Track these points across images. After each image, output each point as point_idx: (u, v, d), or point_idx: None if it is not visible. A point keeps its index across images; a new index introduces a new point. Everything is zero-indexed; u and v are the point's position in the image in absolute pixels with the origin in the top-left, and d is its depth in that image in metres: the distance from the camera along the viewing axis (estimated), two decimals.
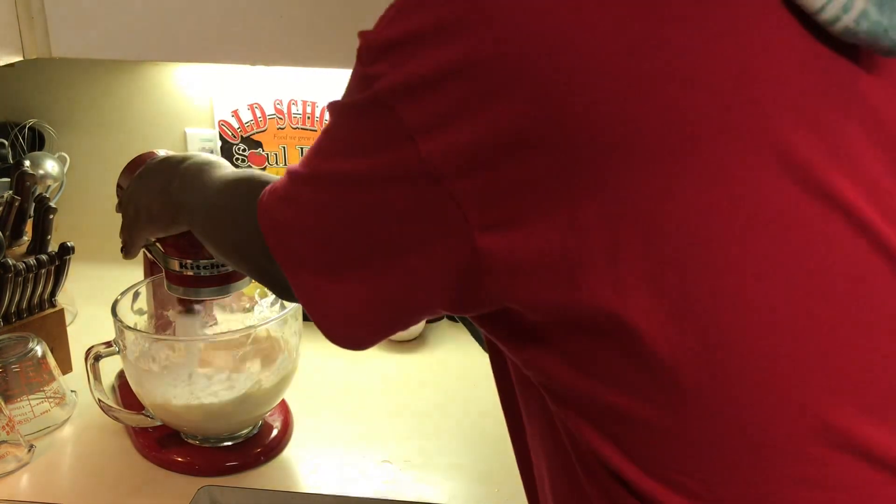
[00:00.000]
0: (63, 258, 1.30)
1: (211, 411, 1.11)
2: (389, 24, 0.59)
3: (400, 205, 0.59)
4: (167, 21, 1.26)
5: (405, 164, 0.56)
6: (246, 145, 1.65)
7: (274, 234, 0.69)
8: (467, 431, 1.23)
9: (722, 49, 0.53)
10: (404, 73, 0.55)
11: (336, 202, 0.63)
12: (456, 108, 0.54)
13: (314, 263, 0.66)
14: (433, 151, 0.55)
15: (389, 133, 0.57)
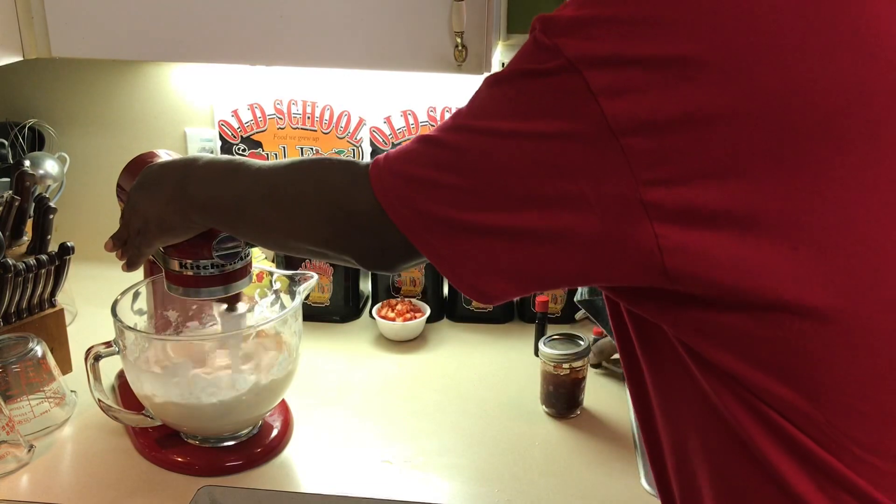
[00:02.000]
0: (63, 258, 1.30)
1: (211, 411, 1.11)
2: (580, 8, 0.63)
3: (572, 160, 0.61)
4: (167, 21, 1.26)
5: (587, 121, 0.60)
6: (246, 145, 1.65)
7: (400, 200, 0.69)
8: (467, 431, 1.23)
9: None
10: (595, 46, 0.60)
11: (498, 153, 0.64)
12: (645, 81, 0.58)
13: (452, 221, 0.67)
14: (617, 111, 0.59)
15: (576, 94, 0.60)
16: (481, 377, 1.38)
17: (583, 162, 0.61)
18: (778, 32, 0.57)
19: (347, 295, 1.55)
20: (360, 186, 0.73)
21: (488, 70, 1.25)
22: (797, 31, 0.57)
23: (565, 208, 0.62)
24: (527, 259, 0.65)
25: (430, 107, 1.58)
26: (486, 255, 0.66)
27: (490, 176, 0.65)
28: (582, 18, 0.62)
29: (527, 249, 0.65)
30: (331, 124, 1.61)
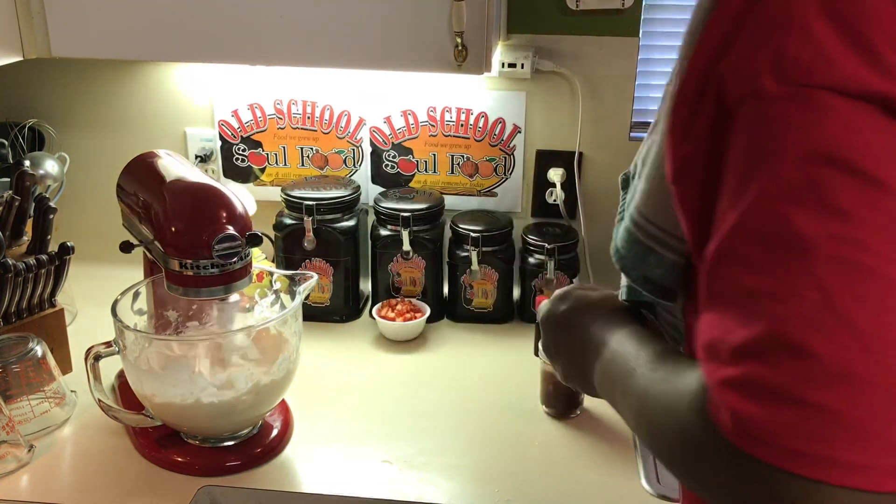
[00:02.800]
0: (63, 258, 1.30)
1: (211, 411, 1.11)
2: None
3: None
4: (167, 21, 1.26)
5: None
6: (246, 145, 1.65)
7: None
8: (467, 431, 1.23)
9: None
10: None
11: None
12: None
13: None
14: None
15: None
16: (481, 377, 1.38)
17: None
18: None
19: (347, 295, 1.55)
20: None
21: (488, 70, 1.25)
22: None
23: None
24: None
25: (430, 107, 1.58)
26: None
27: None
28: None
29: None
30: (331, 124, 1.61)
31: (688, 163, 0.61)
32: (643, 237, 0.72)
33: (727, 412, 0.51)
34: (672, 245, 0.70)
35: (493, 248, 1.51)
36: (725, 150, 0.57)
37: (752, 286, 0.52)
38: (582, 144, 1.57)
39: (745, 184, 0.55)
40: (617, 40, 1.50)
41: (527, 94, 1.55)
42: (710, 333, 0.55)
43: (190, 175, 1.13)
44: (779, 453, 0.49)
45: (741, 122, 0.56)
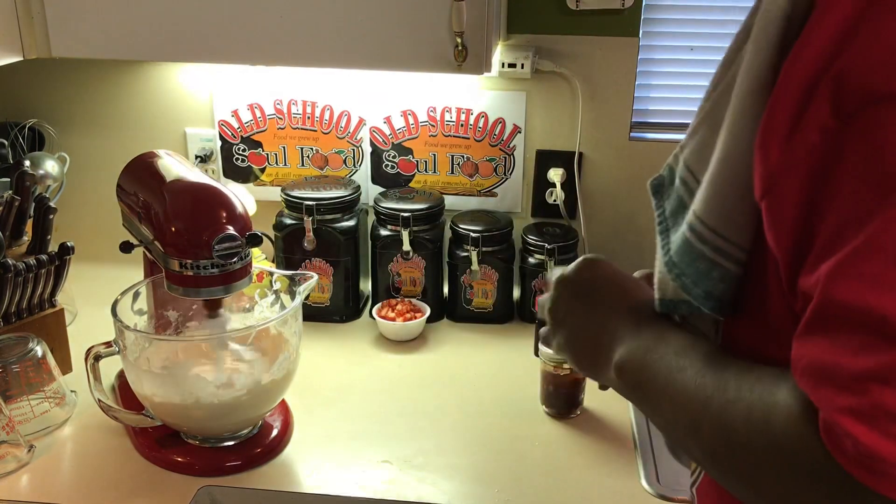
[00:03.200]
0: (63, 258, 1.30)
1: (211, 411, 1.11)
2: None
3: None
4: (167, 21, 1.26)
5: None
6: (246, 145, 1.65)
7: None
8: (467, 431, 1.23)
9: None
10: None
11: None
12: None
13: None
14: None
15: None
16: (481, 377, 1.38)
17: None
18: None
19: (347, 295, 1.55)
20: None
21: (488, 70, 1.25)
22: None
23: None
24: None
25: (430, 107, 1.58)
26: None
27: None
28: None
29: None
30: (331, 124, 1.61)
31: (787, 174, 0.55)
32: (708, 250, 0.66)
33: (849, 441, 0.48)
34: (736, 256, 0.65)
35: (493, 248, 1.51)
36: (841, 158, 0.52)
37: (888, 308, 0.48)
38: (582, 144, 1.57)
39: (877, 197, 0.49)
40: (617, 40, 1.50)
41: (527, 94, 1.55)
42: (820, 355, 0.51)
43: (190, 175, 1.13)
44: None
45: (872, 125, 0.50)
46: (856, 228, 0.50)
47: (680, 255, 0.69)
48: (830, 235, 0.52)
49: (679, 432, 0.65)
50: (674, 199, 0.72)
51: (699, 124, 0.70)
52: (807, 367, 0.52)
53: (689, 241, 0.68)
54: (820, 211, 0.53)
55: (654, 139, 1.57)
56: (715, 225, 0.65)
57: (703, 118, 0.69)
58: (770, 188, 0.57)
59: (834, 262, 0.51)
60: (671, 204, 0.73)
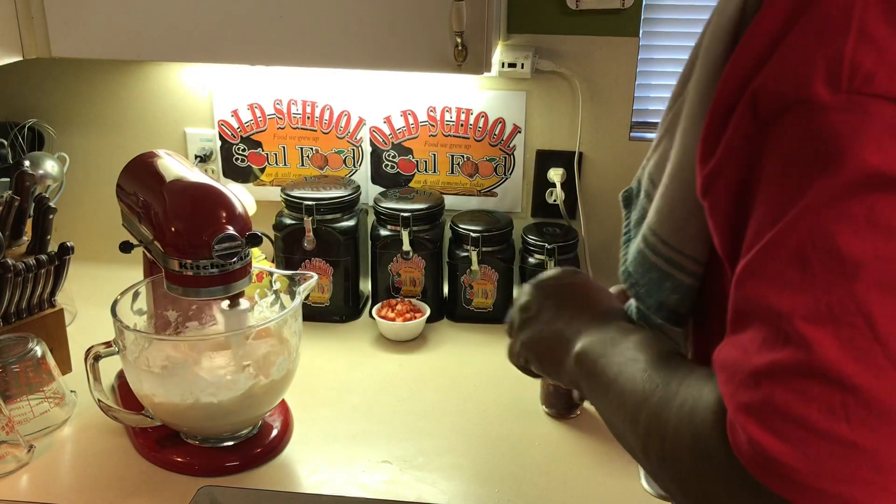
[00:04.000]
0: (63, 258, 1.30)
1: (211, 411, 1.11)
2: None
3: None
4: (167, 21, 1.26)
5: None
6: (246, 145, 1.65)
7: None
8: (467, 431, 1.23)
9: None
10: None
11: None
12: None
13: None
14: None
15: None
16: (481, 377, 1.38)
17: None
18: None
19: (347, 295, 1.55)
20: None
21: (488, 70, 1.25)
22: None
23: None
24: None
25: (430, 107, 1.58)
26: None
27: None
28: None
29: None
30: (331, 124, 1.61)
31: (719, 176, 0.57)
32: (661, 262, 0.67)
33: (745, 438, 0.47)
34: (690, 269, 0.66)
35: (493, 248, 1.51)
36: (760, 162, 0.53)
37: (785, 306, 0.48)
38: (582, 144, 1.57)
39: (785, 198, 0.51)
40: (617, 40, 1.50)
41: (527, 94, 1.55)
42: (730, 352, 0.51)
43: (190, 175, 1.13)
44: (799, 489, 0.46)
45: (784, 131, 0.51)
46: (768, 228, 0.51)
47: (635, 265, 0.70)
48: (751, 236, 0.53)
49: (619, 423, 0.65)
50: (639, 211, 0.73)
51: (661, 136, 0.71)
52: (718, 362, 0.52)
53: (642, 252, 0.68)
54: (746, 214, 0.55)
55: (654, 139, 1.57)
56: (667, 236, 0.66)
57: (664, 131, 0.70)
58: (707, 190, 0.58)
59: (746, 260, 0.52)
60: (636, 215, 0.73)
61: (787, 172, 0.51)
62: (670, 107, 0.70)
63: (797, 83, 0.51)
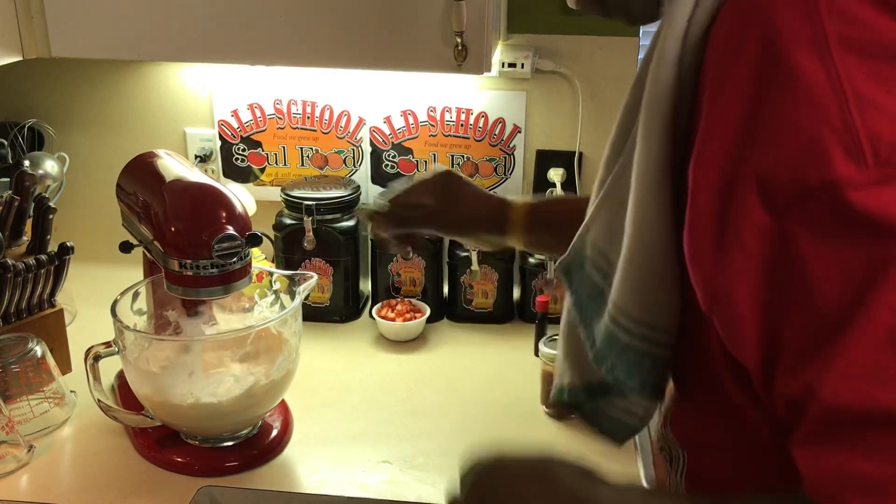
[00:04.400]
0: (62, 258, 1.30)
1: (211, 411, 1.11)
2: None
3: None
4: (167, 21, 1.26)
5: None
6: (245, 145, 1.65)
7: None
8: (467, 431, 1.23)
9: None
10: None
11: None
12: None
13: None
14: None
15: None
16: (481, 377, 1.38)
17: None
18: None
19: (347, 295, 1.55)
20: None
21: (488, 70, 1.25)
22: None
23: None
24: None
25: (430, 107, 1.58)
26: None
27: None
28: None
29: None
30: (331, 124, 1.61)
31: (733, 285, 0.52)
32: (636, 342, 0.63)
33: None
34: (666, 342, 0.63)
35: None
36: (794, 256, 0.49)
37: (889, 402, 0.46)
38: (582, 144, 1.57)
39: (852, 292, 0.47)
40: (617, 40, 1.50)
41: (527, 94, 1.55)
42: (840, 466, 0.48)
43: (190, 175, 1.13)
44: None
45: (813, 220, 0.48)
46: (837, 323, 0.47)
47: (607, 347, 0.66)
48: (807, 336, 0.49)
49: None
50: (588, 284, 0.70)
51: (602, 202, 0.68)
52: (825, 478, 0.49)
53: (613, 334, 0.65)
54: (784, 313, 0.50)
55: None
56: (639, 315, 0.63)
57: (605, 195, 0.67)
58: (716, 301, 0.54)
59: (823, 364, 0.48)
60: (586, 289, 0.70)
61: (841, 262, 0.48)
62: (607, 169, 0.67)
63: (814, 165, 0.48)
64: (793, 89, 0.49)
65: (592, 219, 0.69)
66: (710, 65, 0.54)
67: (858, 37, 0.49)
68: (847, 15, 0.49)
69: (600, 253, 0.68)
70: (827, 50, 0.48)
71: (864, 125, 0.47)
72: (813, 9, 0.49)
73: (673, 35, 0.57)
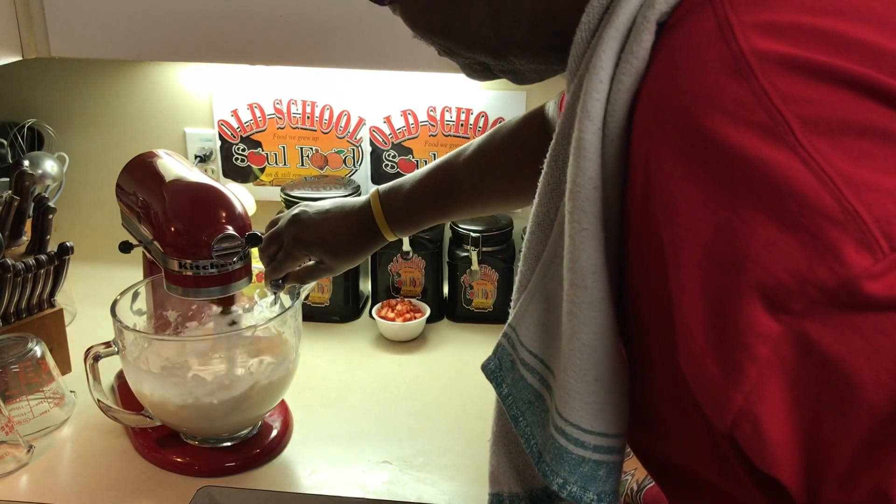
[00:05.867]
0: (62, 258, 1.30)
1: (210, 411, 1.11)
2: None
3: None
4: (167, 21, 1.26)
5: None
6: (245, 145, 1.65)
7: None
8: (467, 431, 1.23)
9: None
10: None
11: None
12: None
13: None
14: None
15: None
16: (481, 377, 1.37)
17: None
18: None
19: (347, 295, 1.54)
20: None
21: None
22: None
23: None
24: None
25: (430, 107, 1.58)
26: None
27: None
28: None
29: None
30: (330, 124, 1.61)
31: (756, 401, 0.46)
32: (589, 453, 0.60)
33: None
34: (618, 447, 0.60)
35: (493, 248, 1.50)
36: (821, 361, 0.44)
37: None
38: None
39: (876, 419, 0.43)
40: None
41: (527, 94, 1.55)
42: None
43: (189, 175, 1.12)
44: None
45: (831, 322, 0.44)
46: (885, 417, 0.43)
47: (557, 462, 0.62)
48: (862, 440, 0.44)
49: None
50: (525, 390, 0.66)
51: (529, 298, 0.64)
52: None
53: (563, 448, 0.61)
54: (825, 422, 0.46)
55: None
56: (591, 425, 0.59)
57: (532, 291, 0.64)
58: (737, 423, 0.48)
59: (888, 465, 0.44)
60: (523, 394, 0.66)
61: (867, 350, 0.43)
62: (530, 264, 0.63)
63: (826, 265, 0.43)
64: (771, 188, 0.44)
65: (519, 317, 0.65)
66: (642, 166, 0.50)
67: (819, 115, 0.44)
68: (799, 95, 0.44)
69: (533, 355, 0.64)
70: (793, 137, 0.43)
71: (867, 209, 0.43)
72: (761, 94, 0.44)
73: (591, 127, 0.53)
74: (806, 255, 0.43)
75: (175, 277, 1.08)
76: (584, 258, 0.55)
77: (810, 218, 0.43)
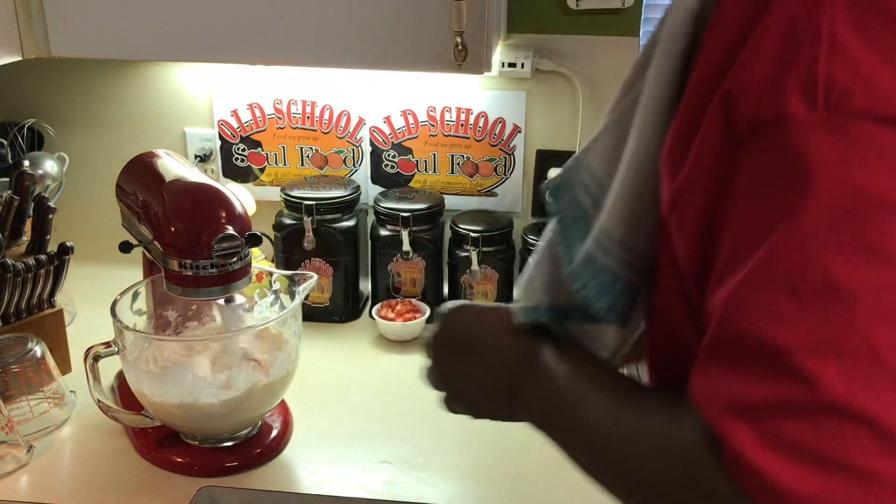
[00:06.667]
0: (62, 258, 1.30)
1: (210, 411, 1.11)
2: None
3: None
4: (167, 21, 1.26)
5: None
6: (245, 145, 1.65)
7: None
8: (467, 432, 1.23)
9: None
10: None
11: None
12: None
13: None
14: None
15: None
16: None
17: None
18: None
19: (347, 295, 1.54)
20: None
21: (488, 70, 1.25)
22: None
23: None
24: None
25: (430, 107, 1.58)
26: None
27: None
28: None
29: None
30: (330, 124, 1.61)
31: (688, 192, 0.55)
32: (613, 264, 0.65)
33: (754, 473, 0.46)
34: (640, 268, 0.65)
35: (493, 248, 1.50)
36: (733, 180, 0.51)
37: (781, 340, 0.47)
38: (582, 144, 1.57)
39: (765, 225, 0.49)
40: (617, 40, 1.50)
41: (527, 94, 1.55)
42: (722, 386, 0.49)
43: (189, 175, 1.13)
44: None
45: (759, 151, 0.49)
46: (747, 253, 0.49)
47: (584, 267, 0.67)
48: (727, 259, 0.51)
49: (588, 464, 0.67)
50: (575, 208, 0.70)
51: (606, 128, 0.68)
52: (708, 396, 0.50)
53: (593, 255, 0.66)
54: (719, 232, 0.52)
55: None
56: (622, 237, 0.64)
57: (610, 123, 0.68)
58: (674, 205, 0.56)
59: (729, 289, 0.50)
60: (573, 212, 0.71)
61: (765, 196, 0.49)
62: (622, 97, 0.68)
63: (770, 98, 0.49)
64: (778, 17, 0.49)
65: (595, 142, 0.70)
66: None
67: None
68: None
69: (594, 177, 0.69)
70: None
71: (827, 70, 0.47)
72: None
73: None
74: (764, 87, 0.49)
75: (175, 277, 1.08)
76: (659, 91, 0.60)
77: (786, 53, 0.49)
